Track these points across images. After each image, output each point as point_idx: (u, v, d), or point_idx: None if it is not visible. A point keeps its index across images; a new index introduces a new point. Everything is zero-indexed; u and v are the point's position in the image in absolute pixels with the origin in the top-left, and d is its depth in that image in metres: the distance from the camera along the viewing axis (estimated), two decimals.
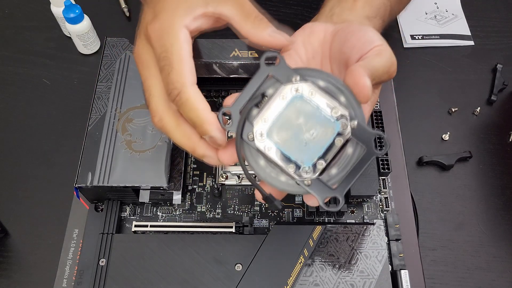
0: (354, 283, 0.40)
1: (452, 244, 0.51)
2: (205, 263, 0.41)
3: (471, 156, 0.56)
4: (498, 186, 0.55)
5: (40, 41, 0.66)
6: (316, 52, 0.40)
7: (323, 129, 0.31)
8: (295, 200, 0.47)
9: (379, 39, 0.36)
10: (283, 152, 0.32)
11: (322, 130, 0.31)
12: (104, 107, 0.46)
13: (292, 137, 0.32)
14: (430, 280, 0.49)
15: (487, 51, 0.66)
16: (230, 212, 0.46)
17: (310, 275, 0.41)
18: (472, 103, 0.61)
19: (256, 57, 0.49)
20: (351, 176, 0.31)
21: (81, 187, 0.42)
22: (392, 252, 0.43)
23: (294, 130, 0.32)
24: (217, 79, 0.50)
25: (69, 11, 0.59)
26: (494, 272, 0.50)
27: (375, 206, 0.47)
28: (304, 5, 0.69)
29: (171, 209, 0.46)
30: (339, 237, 0.42)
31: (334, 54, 0.39)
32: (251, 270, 0.41)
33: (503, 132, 0.59)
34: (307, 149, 0.31)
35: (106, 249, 0.42)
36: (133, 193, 0.44)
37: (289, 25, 0.38)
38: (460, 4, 0.71)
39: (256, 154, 0.33)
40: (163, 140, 0.44)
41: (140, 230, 0.44)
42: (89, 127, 0.45)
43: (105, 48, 0.50)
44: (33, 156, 0.56)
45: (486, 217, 0.53)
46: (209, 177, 0.48)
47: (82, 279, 0.41)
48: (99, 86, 0.47)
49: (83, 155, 0.43)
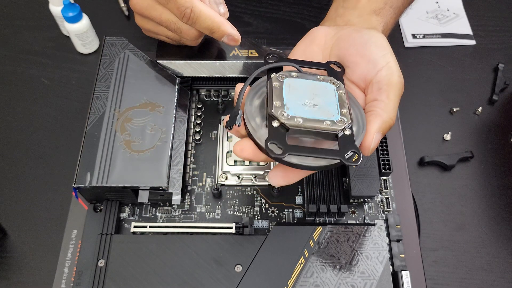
0: (355, 284, 0.40)
1: (453, 245, 0.51)
2: (204, 264, 0.41)
3: (473, 156, 0.56)
4: (499, 186, 0.55)
5: (39, 41, 0.65)
6: (316, 58, 0.42)
7: (324, 111, 0.35)
8: (296, 201, 0.47)
9: (381, 58, 0.38)
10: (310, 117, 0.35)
11: (322, 110, 0.35)
12: (103, 107, 0.46)
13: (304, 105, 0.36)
14: (431, 281, 0.49)
15: (488, 50, 0.65)
16: (230, 212, 0.46)
17: (311, 276, 0.40)
18: (474, 102, 0.61)
19: (256, 57, 0.49)
20: (307, 151, 0.33)
21: (79, 187, 0.42)
22: (393, 253, 0.43)
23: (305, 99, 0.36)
24: (217, 79, 0.49)
25: (68, 10, 0.58)
26: (496, 272, 0.49)
27: (376, 206, 0.46)
28: (304, 4, 0.69)
29: (171, 209, 0.46)
30: (339, 237, 0.42)
31: (333, 58, 0.41)
32: (251, 271, 0.41)
33: (505, 132, 0.58)
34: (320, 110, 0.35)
35: (105, 249, 0.42)
36: (132, 194, 0.43)
37: (289, 24, 0.38)
38: (461, 3, 0.70)
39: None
40: (163, 140, 0.44)
41: (139, 231, 0.44)
42: (87, 127, 0.45)
43: (104, 48, 0.50)
44: (31, 156, 0.56)
45: (487, 218, 0.53)
46: (208, 177, 0.48)
47: (80, 280, 0.41)
48: (98, 86, 0.47)
49: (82, 155, 0.43)
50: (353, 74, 0.40)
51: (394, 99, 0.37)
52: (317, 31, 0.43)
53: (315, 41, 0.42)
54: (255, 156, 0.35)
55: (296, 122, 0.33)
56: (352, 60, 0.39)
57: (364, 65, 0.39)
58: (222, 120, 0.35)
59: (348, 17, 0.44)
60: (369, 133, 0.36)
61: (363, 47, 0.39)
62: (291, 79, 0.37)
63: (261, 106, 0.37)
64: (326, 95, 0.36)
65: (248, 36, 0.51)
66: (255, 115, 0.36)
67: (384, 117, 0.37)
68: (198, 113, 0.51)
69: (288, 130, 0.33)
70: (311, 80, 0.37)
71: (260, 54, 0.49)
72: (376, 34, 0.40)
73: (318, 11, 0.68)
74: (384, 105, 0.37)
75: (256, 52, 0.49)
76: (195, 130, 0.50)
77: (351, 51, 0.39)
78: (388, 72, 0.38)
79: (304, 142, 0.35)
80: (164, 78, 0.48)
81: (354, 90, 0.40)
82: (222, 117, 0.51)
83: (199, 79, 0.51)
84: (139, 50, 0.49)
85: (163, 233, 0.44)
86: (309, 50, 0.42)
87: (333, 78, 0.38)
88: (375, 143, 0.36)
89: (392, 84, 0.38)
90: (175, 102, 0.46)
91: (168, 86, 0.47)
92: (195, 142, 0.50)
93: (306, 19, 0.68)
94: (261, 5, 0.42)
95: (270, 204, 0.47)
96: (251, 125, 0.35)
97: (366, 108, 0.38)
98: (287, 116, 0.34)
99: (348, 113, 0.35)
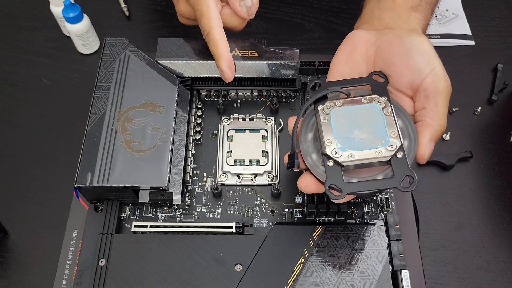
0: (354, 284, 0.40)
1: (452, 244, 0.51)
2: (205, 263, 0.41)
3: (472, 156, 0.56)
4: (498, 186, 0.55)
5: (40, 41, 0.65)
6: (361, 69, 0.42)
7: (374, 138, 0.37)
8: (295, 201, 0.47)
9: (426, 65, 0.38)
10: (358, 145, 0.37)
11: (372, 138, 0.37)
12: (104, 107, 0.46)
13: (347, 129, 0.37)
14: (430, 280, 0.49)
15: (488, 50, 0.66)
16: (230, 212, 0.46)
17: (310, 276, 0.41)
18: (473, 103, 0.61)
19: (256, 57, 0.49)
20: (364, 186, 0.35)
21: (80, 187, 0.42)
22: (392, 253, 0.43)
23: (352, 125, 0.38)
24: (217, 79, 0.50)
25: (69, 10, 0.59)
26: (495, 272, 0.50)
27: (376, 206, 0.47)
28: (304, 4, 0.69)
29: (171, 209, 0.46)
30: (339, 237, 0.42)
31: (378, 68, 0.41)
32: (251, 270, 0.41)
33: (504, 132, 0.59)
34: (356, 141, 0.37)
35: (105, 249, 0.42)
36: (132, 193, 0.44)
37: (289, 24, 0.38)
38: (460, 4, 0.71)
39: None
40: (163, 140, 0.44)
41: (140, 231, 0.44)
42: (88, 127, 0.45)
43: (105, 48, 0.50)
44: (32, 156, 0.56)
45: (486, 217, 0.53)
46: (209, 177, 0.48)
47: (81, 279, 0.41)
48: (98, 86, 0.47)
49: (83, 155, 0.43)
50: (399, 83, 0.40)
51: (442, 106, 0.38)
52: (356, 37, 0.43)
53: (356, 50, 0.42)
54: (319, 189, 0.38)
55: (349, 158, 0.36)
56: (396, 70, 0.40)
57: (409, 75, 0.39)
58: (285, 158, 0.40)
59: (386, 20, 0.43)
60: (422, 145, 0.37)
61: (407, 57, 0.39)
62: (337, 109, 0.38)
63: (314, 139, 0.39)
64: (373, 119, 0.37)
65: (248, 36, 0.51)
66: (310, 150, 0.38)
67: (435, 126, 0.37)
68: (199, 113, 0.51)
69: (343, 166, 0.36)
70: (357, 106, 0.38)
71: (260, 55, 0.49)
72: (418, 39, 0.39)
73: (318, 11, 0.69)
74: (433, 113, 0.38)
75: (256, 52, 0.49)
76: (195, 130, 0.50)
77: (395, 62, 0.40)
78: (434, 79, 0.38)
79: (361, 171, 0.37)
80: (165, 78, 0.48)
81: (401, 99, 0.40)
82: (222, 117, 0.51)
83: (200, 79, 0.51)
84: (139, 51, 0.50)
85: (164, 232, 0.44)
86: (351, 60, 0.42)
87: (377, 96, 0.39)
88: (429, 152, 0.37)
89: (439, 91, 0.38)
90: (175, 102, 0.46)
91: (168, 86, 0.47)
92: (195, 142, 0.50)
93: (306, 20, 0.68)
94: (261, 6, 0.42)
95: (270, 204, 0.47)
96: (309, 162, 0.37)
97: (416, 117, 0.39)
98: (340, 154, 0.36)
99: (397, 133, 0.36)
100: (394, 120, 0.37)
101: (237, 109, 0.53)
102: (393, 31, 0.41)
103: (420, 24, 0.43)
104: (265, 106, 0.53)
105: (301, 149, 0.38)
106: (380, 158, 0.36)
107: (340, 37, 0.44)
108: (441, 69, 0.39)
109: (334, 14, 0.68)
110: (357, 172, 0.37)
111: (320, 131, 0.37)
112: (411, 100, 0.40)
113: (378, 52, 0.41)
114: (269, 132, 0.50)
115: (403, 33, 0.40)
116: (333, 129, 0.37)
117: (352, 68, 0.42)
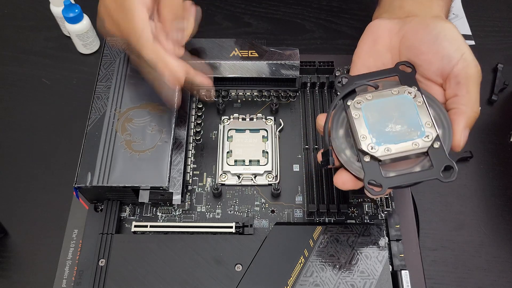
0: (354, 284, 0.40)
1: (452, 244, 0.51)
2: (205, 263, 0.41)
3: (472, 156, 0.56)
4: (498, 186, 0.55)
5: (40, 41, 0.65)
6: (385, 60, 0.41)
7: (409, 130, 0.36)
8: (295, 201, 0.47)
9: (455, 51, 0.37)
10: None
11: (407, 129, 0.36)
12: (104, 107, 0.46)
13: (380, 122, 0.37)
14: (430, 280, 0.49)
15: (487, 50, 0.66)
16: (230, 212, 0.46)
17: (311, 276, 0.41)
18: None
19: (256, 57, 0.49)
20: (404, 179, 0.35)
21: (80, 187, 0.42)
22: (392, 253, 0.43)
23: (385, 118, 0.37)
24: (217, 79, 0.50)
25: (69, 10, 0.59)
26: (495, 272, 0.50)
27: (376, 206, 0.47)
28: (304, 4, 0.69)
29: (171, 209, 0.46)
30: (339, 237, 0.42)
31: (404, 58, 0.40)
32: (251, 270, 0.41)
33: (504, 132, 0.59)
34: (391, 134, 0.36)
35: (105, 249, 0.42)
36: (132, 193, 0.44)
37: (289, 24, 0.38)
38: (460, 4, 0.71)
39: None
40: (163, 140, 0.44)
41: (140, 231, 0.44)
42: (88, 127, 0.45)
43: (105, 48, 0.50)
44: (32, 156, 0.56)
45: (486, 217, 0.53)
46: (209, 177, 0.48)
47: (81, 279, 0.41)
48: (98, 86, 0.47)
49: (83, 155, 0.43)
50: (428, 71, 0.39)
51: (474, 91, 0.37)
52: (378, 27, 0.41)
53: (379, 41, 0.41)
54: (356, 186, 0.37)
55: (386, 152, 0.35)
56: (425, 58, 0.39)
57: (439, 62, 0.38)
58: (317, 154, 0.39)
59: (407, 8, 0.42)
60: (457, 132, 0.36)
61: (434, 44, 0.38)
62: (368, 103, 0.37)
63: (346, 135, 0.38)
64: (406, 110, 0.37)
65: (248, 36, 0.51)
66: (343, 147, 0.37)
67: (468, 113, 0.36)
68: (199, 113, 0.51)
69: (380, 161, 0.35)
70: (387, 98, 0.38)
71: (260, 55, 0.49)
72: (444, 25, 0.38)
73: (318, 11, 0.69)
74: (465, 100, 0.37)
75: (256, 52, 0.49)
76: (195, 130, 0.50)
77: (422, 50, 0.39)
78: (464, 65, 0.37)
79: (398, 164, 0.36)
80: None
81: (431, 87, 0.39)
82: (222, 117, 0.51)
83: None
84: None
85: (164, 232, 0.44)
86: (375, 51, 0.41)
87: (407, 86, 0.38)
88: (464, 140, 0.36)
89: (470, 77, 0.37)
90: (175, 102, 0.46)
91: (168, 86, 0.47)
92: (195, 142, 0.50)
93: (306, 20, 0.68)
94: (261, 6, 0.42)
95: (270, 204, 0.47)
96: (343, 159, 0.37)
97: (448, 105, 0.38)
98: (376, 149, 0.35)
99: (432, 123, 0.36)
100: (427, 109, 0.36)
101: (237, 109, 0.53)
102: (418, 19, 0.40)
103: (443, 10, 0.42)
104: (265, 106, 0.53)
105: (333, 146, 0.37)
106: (417, 149, 0.35)
107: (340, 37, 0.44)
108: (470, 55, 0.38)
109: (334, 14, 0.68)
110: (393, 166, 0.36)
111: (353, 126, 0.37)
112: (440, 88, 0.39)
113: (403, 41, 0.40)
114: (269, 132, 0.50)
115: (428, 20, 0.39)
116: (366, 123, 0.36)
117: (376, 59, 0.41)
